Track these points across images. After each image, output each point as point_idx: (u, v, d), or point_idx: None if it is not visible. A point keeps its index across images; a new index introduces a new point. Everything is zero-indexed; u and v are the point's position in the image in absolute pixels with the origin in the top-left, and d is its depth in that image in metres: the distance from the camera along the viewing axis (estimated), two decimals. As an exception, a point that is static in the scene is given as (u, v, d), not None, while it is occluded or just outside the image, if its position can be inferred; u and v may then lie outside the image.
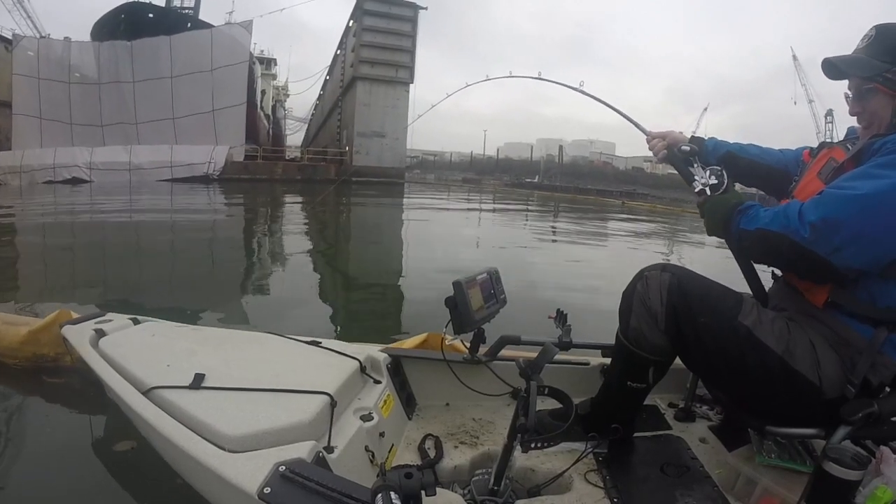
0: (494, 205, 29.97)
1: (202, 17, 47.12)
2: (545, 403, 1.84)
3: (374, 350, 2.38)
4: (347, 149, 47.42)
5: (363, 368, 2.20)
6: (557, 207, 29.28)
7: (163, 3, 47.55)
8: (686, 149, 2.06)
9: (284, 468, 1.44)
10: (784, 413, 1.71)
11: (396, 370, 2.36)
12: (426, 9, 48.52)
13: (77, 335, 2.44)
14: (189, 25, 43.48)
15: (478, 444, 2.12)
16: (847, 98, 1.77)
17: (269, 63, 74.20)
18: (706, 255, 12.13)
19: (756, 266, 1.98)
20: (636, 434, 2.13)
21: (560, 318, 2.19)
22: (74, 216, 15.30)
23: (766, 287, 2.02)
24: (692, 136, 2.22)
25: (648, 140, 2.25)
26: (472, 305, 1.89)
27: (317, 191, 28.62)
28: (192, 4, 49.14)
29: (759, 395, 1.72)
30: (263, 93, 60.65)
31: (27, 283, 6.66)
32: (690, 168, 1.97)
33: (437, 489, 1.46)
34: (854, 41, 1.78)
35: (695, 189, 1.91)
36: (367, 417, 1.95)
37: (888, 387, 1.67)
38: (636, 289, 1.87)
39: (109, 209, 17.12)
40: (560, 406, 1.76)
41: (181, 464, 1.81)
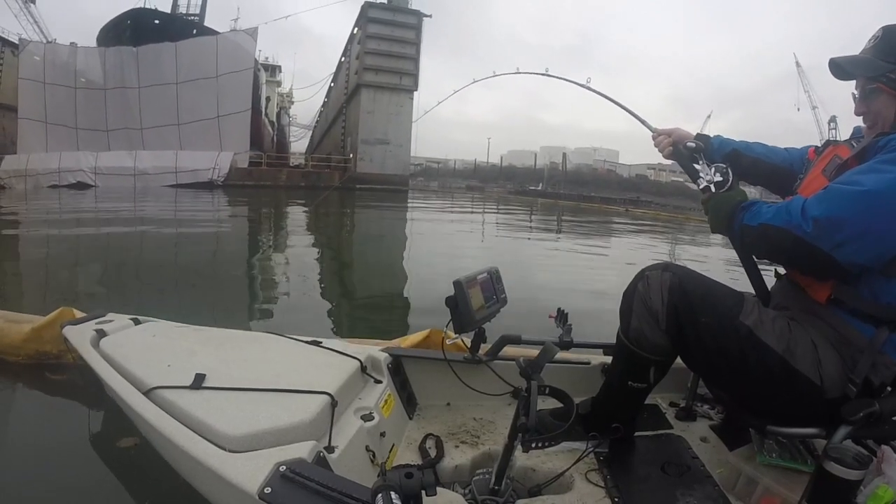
0: (498, 208, 29.99)
1: (207, 24, 47.38)
2: (546, 403, 1.83)
3: (375, 350, 2.37)
4: (351, 156, 47.53)
5: (364, 368, 2.20)
6: (561, 214, 29.27)
7: (168, 10, 47.81)
8: (692, 145, 2.07)
9: (285, 468, 1.44)
10: (785, 412, 1.70)
11: (397, 370, 2.35)
12: (430, 16, 48.78)
13: (78, 335, 2.44)
14: (194, 32, 43.71)
15: (478, 444, 2.11)
16: (854, 98, 1.77)
17: (274, 70, 74.41)
18: (708, 258, 12.14)
19: (759, 264, 1.97)
20: (637, 433, 2.12)
21: (561, 318, 2.19)
22: (79, 219, 15.33)
23: (769, 285, 2.02)
24: (698, 134, 2.21)
25: (654, 137, 2.25)
26: (473, 305, 1.88)
27: (320, 197, 28.69)
28: (198, 11, 49.41)
29: (760, 395, 1.71)
30: (268, 99, 60.84)
31: (30, 283, 6.68)
32: (696, 165, 1.97)
33: (438, 489, 1.45)
34: (860, 44, 1.78)
35: (699, 186, 1.91)
36: (368, 417, 1.95)
37: (889, 387, 1.67)
38: (637, 288, 1.86)
39: (113, 213, 17.21)
40: (561, 405, 1.76)
41: (182, 464, 1.81)
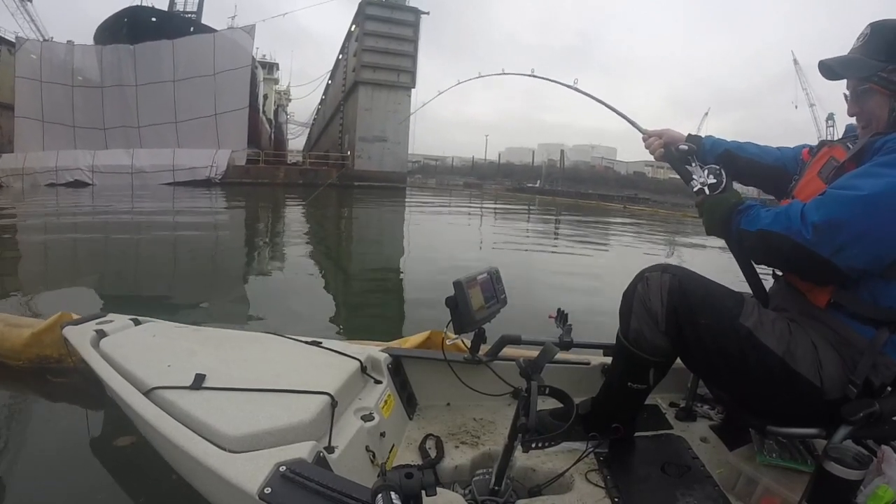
0: (496, 206, 29.99)
1: (205, 22, 47.34)
2: (546, 403, 1.83)
3: (375, 350, 2.37)
4: (349, 153, 47.50)
5: (364, 368, 2.20)
6: (559, 212, 29.28)
7: (166, 7, 47.74)
8: (684, 148, 2.05)
9: (285, 468, 1.44)
10: (785, 413, 1.70)
11: (397, 370, 2.35)
12: (428, 13, 48.73)
13: (78, 336, 2.44)
14: (192, 30, 43.62)
15: (478, 444, 2.12)
16: (846, 98, 1.76)
17: (272, 67, 74.31)
18: (706, 256, 12.15)
19: (756, 266, 1.97)
20: (637, 433, 2.12)
21: (561, 318, 2.19)
22: (77, 219, 15.35)
23: (767, 287, 2.02)
24: (689, 135, 2.19)
25: (645, 139, 2.24)
26: (473, 305, 1.88)
27: (317, 194, 28.67)
28: (195, 9, 49.33)
29: (761, 396, 1.71)
30: (265, 97, 60.76)
31: (29, 286, 6.66)
32: (688, 167, 1.96)
33: (438, 489, 1.45)
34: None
35: (693, 188, 1.90)
36: (368, 417, 1.95)
37: (890, 387, 1.67)
38: (636, 290, 1.85)
39: (111, 211, 17.20)
40: (561, 406, 1.76)
41: (182, 464, 1.81)
